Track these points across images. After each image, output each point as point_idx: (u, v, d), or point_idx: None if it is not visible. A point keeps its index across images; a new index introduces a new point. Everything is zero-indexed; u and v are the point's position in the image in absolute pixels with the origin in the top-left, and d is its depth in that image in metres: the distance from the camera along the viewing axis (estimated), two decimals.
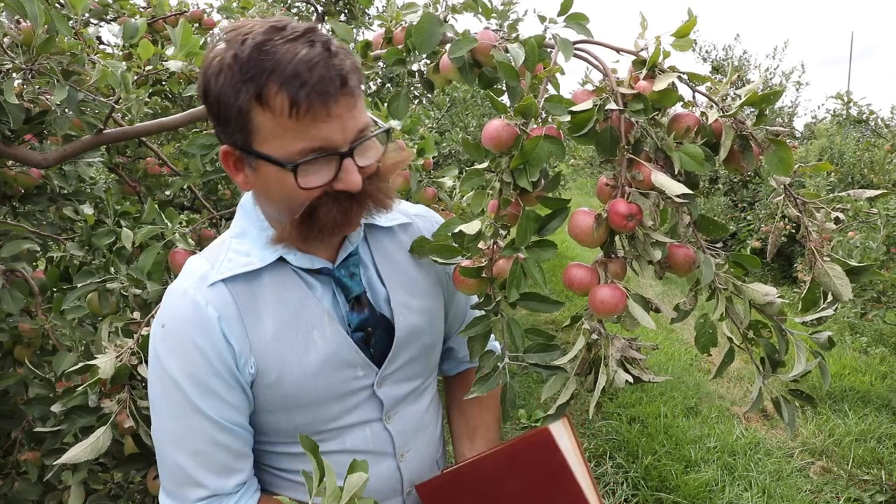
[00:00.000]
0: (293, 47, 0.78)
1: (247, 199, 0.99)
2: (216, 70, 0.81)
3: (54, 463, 1.17)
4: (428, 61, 1.24)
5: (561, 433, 0.99)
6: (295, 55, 0.78)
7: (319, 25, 0.87)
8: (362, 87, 0.87)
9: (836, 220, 0.86)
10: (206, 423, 0.90)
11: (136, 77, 1.61)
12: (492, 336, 1.19)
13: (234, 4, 2.48)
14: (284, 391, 0.93)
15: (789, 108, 10.15)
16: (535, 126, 0.88)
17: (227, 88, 0.80)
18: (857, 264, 0.85)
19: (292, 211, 0.86)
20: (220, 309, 0.89)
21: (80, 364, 1.24)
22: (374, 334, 0.99)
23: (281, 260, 0.94)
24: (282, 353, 0.92)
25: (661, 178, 0.81)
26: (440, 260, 0.97)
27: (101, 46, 2.02)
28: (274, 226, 0.94)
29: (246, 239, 0.95)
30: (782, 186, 0.90)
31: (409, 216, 1.09)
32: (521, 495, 0.99)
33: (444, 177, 2.07)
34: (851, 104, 5.31)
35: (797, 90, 10.10)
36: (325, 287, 0.97)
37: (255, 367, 0.91)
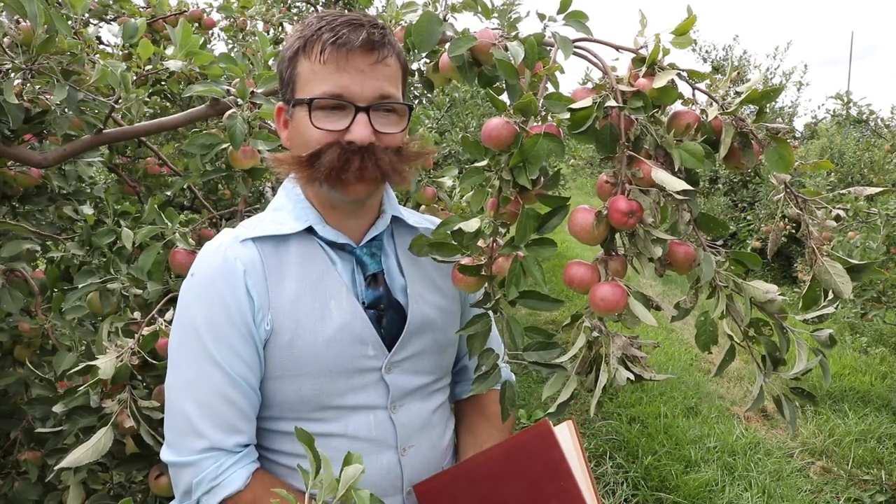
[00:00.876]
0: (347, 19, 0.95)
1: (290, 182, 1.07)
2: (288, 41, 0.99)
3: (56, 468, 1.17)
4: (427, 60, 1.24)
5: (563, 431, 0.98)
6: (344, 22, 0.94)
7: None
8: (400, 68, 1.00)
9: (837, 218, 0.86)
10: (217, 373, 0.93)
11: (135, 77, 1.61)
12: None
13: (234, 4, 2.48)
14: (295, 354, 0.95)
15: (789, 108, 10.16)
16: (534, 124, 0.88)
17: (287, 47, 0.98)
18: (857, 262, 0.85)
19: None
20: (247, 264, 0.96)
21: (82, 365, 1.24)
22: (386, 314, 1.03)
23: (309, 232, 1.01)
24: (298, 315, 0.96)
25: (661, 175, 0.81)
26: (440, 257, 0.97)
27: (101, 46, 2.01)
28: (310, 198, 1.02)
29: (282, 212, 1.03)
30: (783, 184, 0.90)
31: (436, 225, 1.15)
32: (518, 493, 0.98)
33: (443, 177, 2.07)
34: (851, 104, 5.31)
35: (798, 90, 10.11)
36: (345, 263, 1.03)
37: (271, 325, 0.95)
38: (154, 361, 1.27)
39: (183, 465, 0.93)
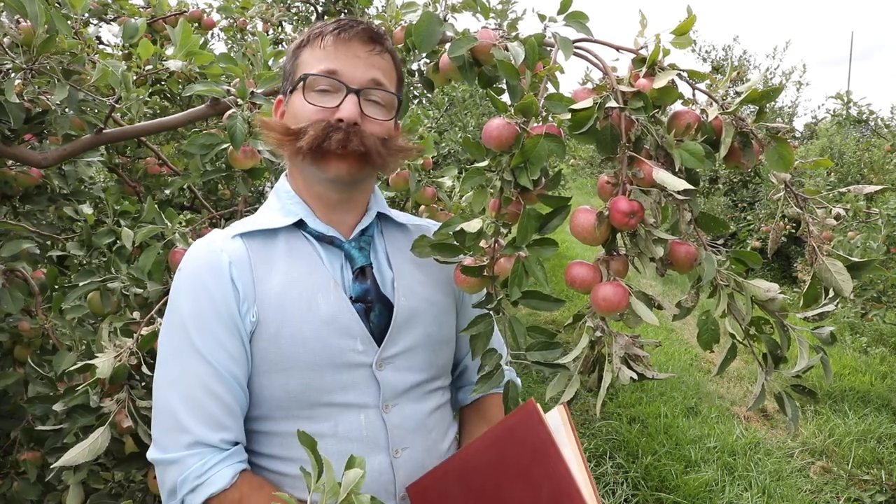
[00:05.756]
0: (352, 18, 1.02)
1: (280, 182, 1.09)
2: (294, 42, 1.06)
3: (53, 466, 1.17)
4: (427, 60, 1.24)
5: (553, 416, 0.95)
6: (348, 20, 1.01)
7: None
8: (395, 69, 1.06)
9: (837, 217, 0.87)
10: (202, 366, 0.92)
11: (135, 77, 1.61)
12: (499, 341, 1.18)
13: (234, 4, 2.48)
14: (282, 346, 0.95)
15: (789, 108, 10.16)
16: (535, 124, 0.89)
17: (293, 45, 1.05)
18: (858, 260, 0.85)
19: None
20: (233, 256, 0.98)
21: (80, 364, 1.23)
22: (373, 308, 1.02)
23: (298, 227, 1.03)
24: (284, 306, 0.96)
25: (662, 175, 0.81)
26: (441, 258, 0.97)
27: (101, 46, 2.02)
28: (299, 192, 1.05)
29: (272, 210, 1.06)
30: (783, 183, 0.90)
31: (428, 224, 1.19)
32: (509, 479, 0.94)
33: (443, 177, 2.07)
34: (851, 104, 5.31)
35: (797, 90, 10.12)
36: (334, 257, 1.03)
37: (257, 317, 0.95)
38: (152, 361, 1.27)
39: (168, 462, 0.91)
